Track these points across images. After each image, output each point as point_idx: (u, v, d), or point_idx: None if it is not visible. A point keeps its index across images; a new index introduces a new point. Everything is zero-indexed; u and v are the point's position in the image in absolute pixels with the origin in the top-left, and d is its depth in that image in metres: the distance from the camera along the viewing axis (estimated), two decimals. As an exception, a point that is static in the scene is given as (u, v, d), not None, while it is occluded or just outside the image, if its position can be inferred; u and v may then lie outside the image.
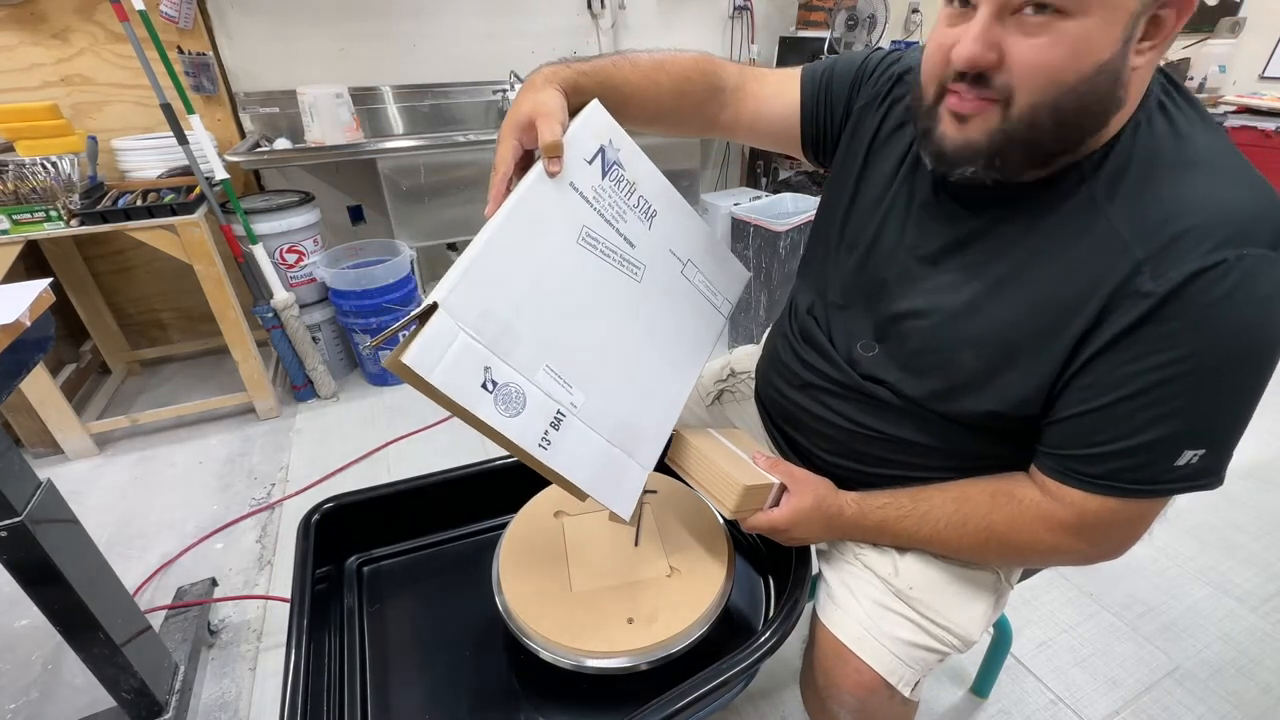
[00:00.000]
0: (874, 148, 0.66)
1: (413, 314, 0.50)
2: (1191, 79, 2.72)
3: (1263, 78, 2.68)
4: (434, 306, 0.49)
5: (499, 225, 0.53)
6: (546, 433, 0.55)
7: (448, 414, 0.55)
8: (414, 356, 0.48)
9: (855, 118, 0.69)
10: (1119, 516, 0.54)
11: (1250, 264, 0.44)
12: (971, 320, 0.57)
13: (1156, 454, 0.50)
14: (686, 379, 0.70)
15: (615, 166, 0.61)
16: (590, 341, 0.60)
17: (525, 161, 0.58)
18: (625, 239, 0.62)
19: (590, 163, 0.59)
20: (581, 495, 0.59)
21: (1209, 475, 0.51)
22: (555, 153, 0.55)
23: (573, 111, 0.59)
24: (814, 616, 0.69)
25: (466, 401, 0.51)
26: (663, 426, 0.67)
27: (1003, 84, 0.47)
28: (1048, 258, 0.53)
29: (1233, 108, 2.35)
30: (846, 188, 0.68)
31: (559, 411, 0.56)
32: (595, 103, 0.61)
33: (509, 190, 0.55)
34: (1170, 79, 0.53)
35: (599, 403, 0.59)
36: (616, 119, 0.62)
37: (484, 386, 0.52)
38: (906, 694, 0.63)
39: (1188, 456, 0.49)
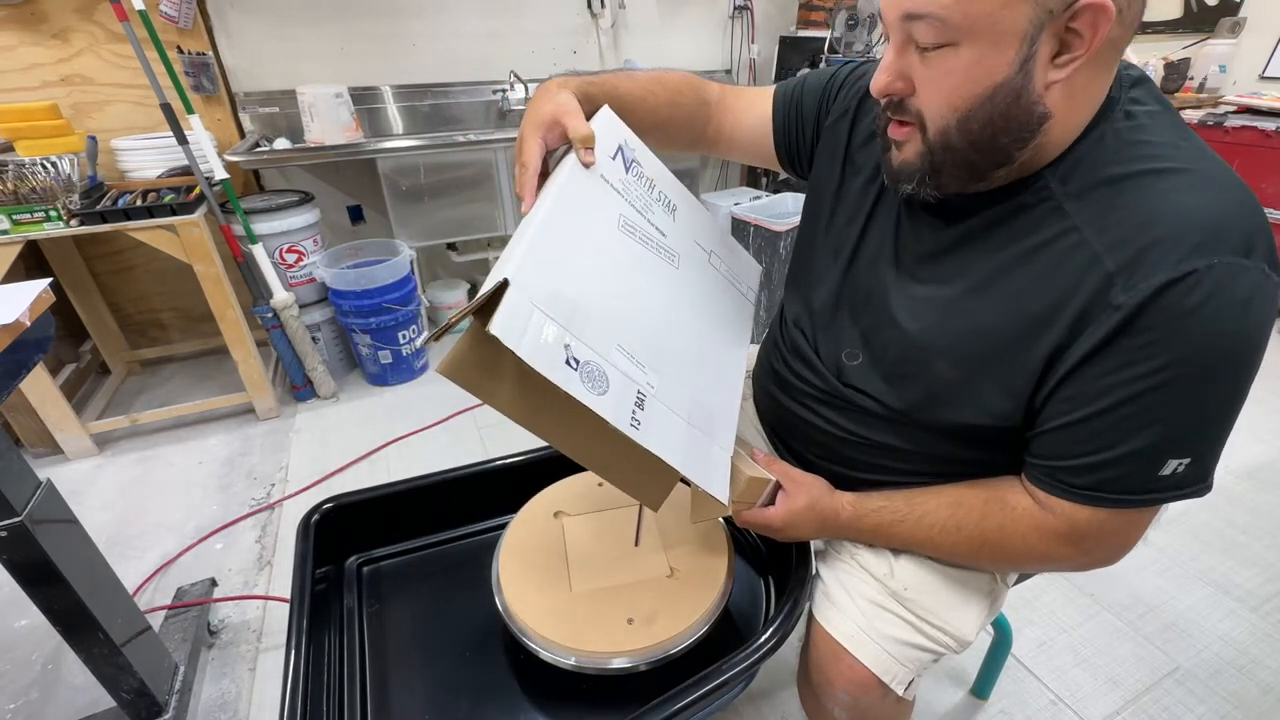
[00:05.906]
0: (848, 161, 0.68)
1: (480, 297, 0.46)
2: (1191, 79, 2.72)
3: (1263, 78, 2.68)
4: (505, 284, 0.45)
5: (548, 212, 0.53)
6: (634, 412, 0.51)
7: (447, 414, 0.55)
8: (500, 326, 0.43)
9: (826, 134, 0.71)
10: (1109, 526, 0.54)
11: (1220, 272, 0.44)
12: (942, 330, 0.57)
13: (1141, 464, 0.50)
14: (739, 361, 0.70)
15: (635, 164, 0.63)
16: (651, 323, 0.58)
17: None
18: (657, 228, 0.63)
19: (613, 159, 0.61)
20: (662, 486, 0.57)
21: (1196, 483, 0.51)
22: (589, 144, 0.58)
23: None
24: (810, 615, 0.69)
25: (556, 376, 0.45)
26: (731, 407, 0.64)
27: (916, 109, 0.51)
28: (1017, 269, 0.53)
29: (1233, 108, 2.35)
30: (826, 200, 0.70)
31: (639, 391, 0.52)
32: (606, 108, 0.64)
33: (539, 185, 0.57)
34: (1140, 83, 0.53)
35: (672, 384, 0.56)
36: None
37: (568, 363, 0.47)
38: (900, 693, 0.63)
39: (1173, 465, 0.49)
